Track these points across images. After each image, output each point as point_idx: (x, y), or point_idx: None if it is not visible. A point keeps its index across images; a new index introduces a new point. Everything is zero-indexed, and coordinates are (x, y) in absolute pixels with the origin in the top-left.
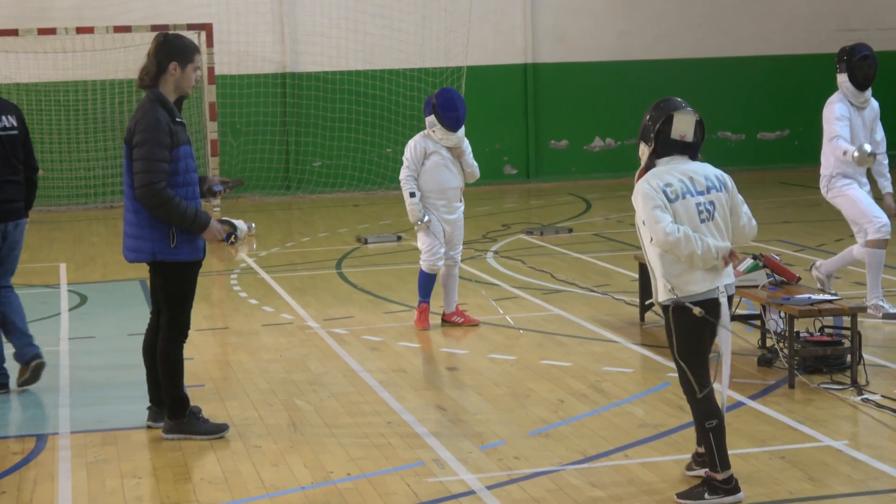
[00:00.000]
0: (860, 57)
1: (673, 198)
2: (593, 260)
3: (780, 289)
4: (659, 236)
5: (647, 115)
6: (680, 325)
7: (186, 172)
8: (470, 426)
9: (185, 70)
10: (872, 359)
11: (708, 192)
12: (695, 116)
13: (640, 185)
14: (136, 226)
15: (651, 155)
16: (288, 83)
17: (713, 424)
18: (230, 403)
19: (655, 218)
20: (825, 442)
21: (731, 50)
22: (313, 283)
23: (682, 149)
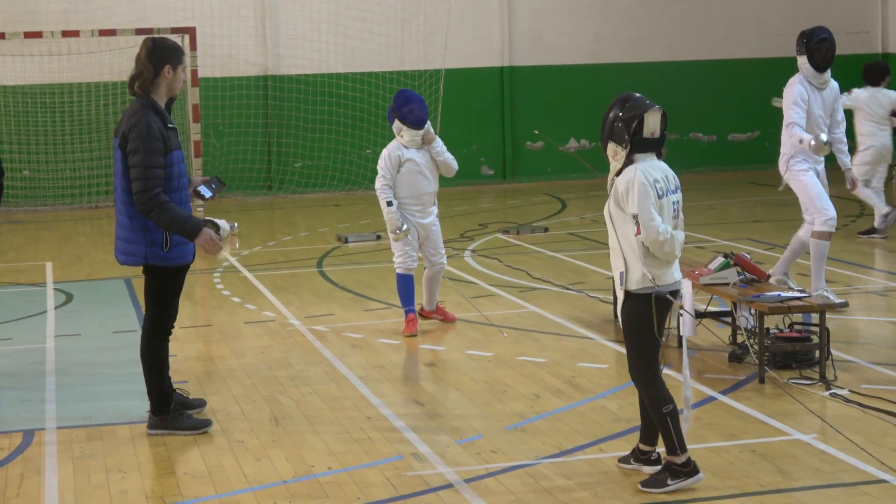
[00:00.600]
0: (818, 39)
1: (661, 194)
2: (568, 258)
3: (750, 286)
4: (652, 234)
5: (612, 115)
6: (649, 314)
7: (179, 178)
8: (448, 421)
9: (176, 72)
10: (840, 354)
11: (675, 192)
12: (661, 112)
13: (635, 176)
14: (129, 230)
15: (628, 154)
16: (270, 86)
17: (669, 409)
18: (213, 399)
19: (651, 215)
20: (794, 436)
21: (703, 53)
22: (295, 281)
23: (653, 145)
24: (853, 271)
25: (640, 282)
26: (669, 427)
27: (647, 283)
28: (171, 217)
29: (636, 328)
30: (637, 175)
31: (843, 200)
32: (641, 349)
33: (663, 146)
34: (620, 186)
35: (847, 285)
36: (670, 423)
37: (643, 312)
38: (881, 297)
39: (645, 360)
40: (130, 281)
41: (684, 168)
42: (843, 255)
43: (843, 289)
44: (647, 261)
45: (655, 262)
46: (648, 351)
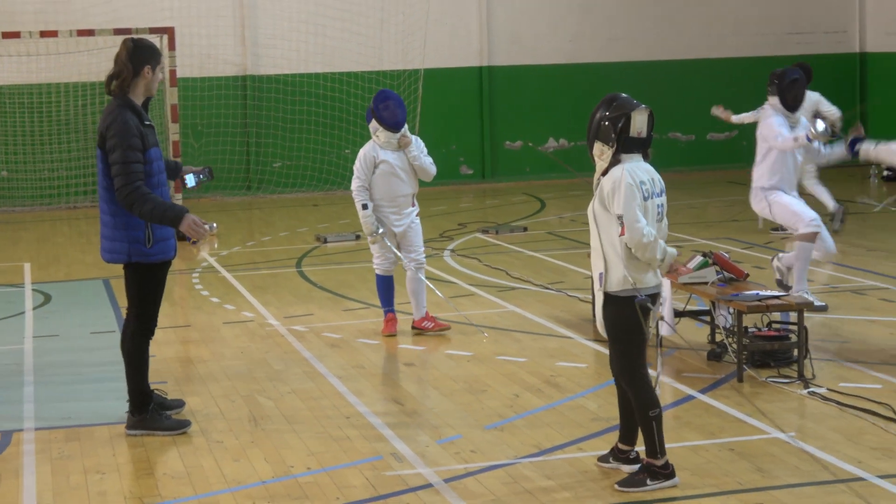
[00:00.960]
0: (790, 80)
1: (646, 196)
2: (547, 258)
3: (728, 285)
4: (636, 236)
5: (599, 113)
6: (633, 315)
7: (159, 174)
8: (427, 420)
9: (154, 72)
10: (818, 353)
11: (661, 195)
12: (648, 111)
13: (621, 176)
14: (111, 228)
15: (614, 154)
16: (249, 85)
17: (656, 413)
18: (192, 400)
19: (636, 217)
20: (773, 434)
21: (681, 52)
22: (274, 281)
23: (640, 145)
24: (832, 270)
25: (620, 283)
26: (653, 430)
27: (628, 286)
28: (153, 207)
29: (620, 331)
30: (624, 175)
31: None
32: (626, 350)
33: (650, 147)
34: (606, 186)
35: (825, 284)
36: (654, 427)
37: (625, 315)
38: (859, 296)
39: (630, 361)
40: (109, 281)
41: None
42: None
43: (821, 287)
44: (628, 263)
45: (637, 265)
46: (634, 351)
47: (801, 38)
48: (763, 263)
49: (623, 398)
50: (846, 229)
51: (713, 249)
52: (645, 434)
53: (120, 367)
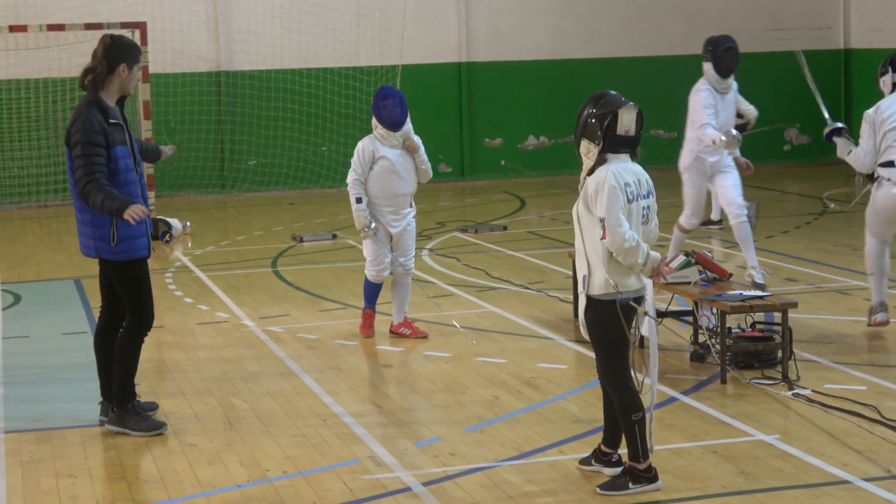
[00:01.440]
0: (724, 48)
1: (630, 198)
2: (527, 257)
3: (712, 285)
4: (617, 240)
5: (586, 111)
6: (616, 319)
7: (126, 172)
8: (406, 423)
9: (132, 71)
10: (803, 354)
11: (648, 197)
12: (636, 109)
13: (605, 178)
14: (80, 223)
15: (600, 152)
16: (223, 81)
17: (639, 417)
18: (165, 402)
19: (618, 220)
20: (757, 436)
21: (663, 49)
22: (249, 281)
23: (628, 143)
24: (817, 270)
25: (602, 287)
26: (636, 434)
27: (610, 290)
28: (104, 197)
29: (603, 334)
30: (608, 177)
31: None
32: (610, 353)
33: (638, 146)
34: (590, 187)
35: (809, 284)
36: (637, 431)
37: (608, 318)
38: (843, 296)
39: (614, 365)
40: (80, 281)
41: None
42: (805, 253)
43: (806, 287)
44: (610, 266)
45: (619, 269)
46: (617, 355)
47: (783, 35)
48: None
49: (608, 400)
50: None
51: (696, 249)
52: (628, 437)
53: (92, 369)
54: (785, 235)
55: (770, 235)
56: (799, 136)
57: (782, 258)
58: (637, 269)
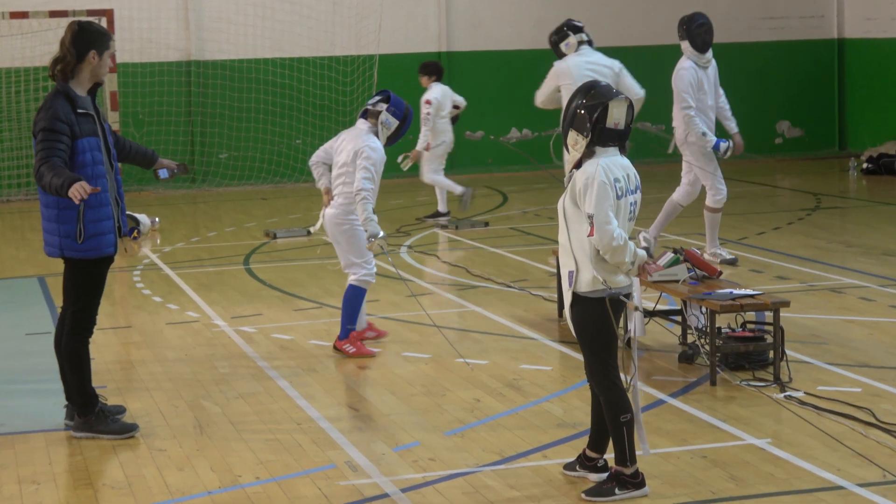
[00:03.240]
0: (697, 24)
1: (620, 194)
2: (510, 254)
3: (701, 283)
4: (605, 238)
5: (575, 102)
6: (604, 316)
7: (94, 165)
8: (383, 427)
9: (102, 57)
10: (795, 355)
11: (635, 192)
12: (626, 102)
13: (595, 173)
14: (46, 220)
15: (588, 145)
16: (193, 71)
17: (627, 418)
18: (133, 405)
19: (607, 218)
20: (748, 440)
21: (649, 38)
22: (220, 279)
23: (617, 137)
24: (809, 267)
25: (590, 284)
26: (624, 437)
27: (599, 286)
28: (52, 176)
29: (590, 332)
30: (598, 172)
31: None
32: (598, 352)
33: (627, 139)
34: (579, 182)
35: (802, 282)
36: (625, 433)
37: (596, 316)
38: (836, 295)
39: (602, 364)
40: (45, 279)
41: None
42: (797, 250)
43: (798, 286)
44: (597, 264)
45: (606, 266)
46: (605, 354)
47: (774, 24)
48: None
49: (596, 402)
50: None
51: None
52: (615, 440)
53: (57, 371)
54: (776, 232)
55: (761, 232)
56: (791, 128)
57: (774, 255)
58: (624, 269)
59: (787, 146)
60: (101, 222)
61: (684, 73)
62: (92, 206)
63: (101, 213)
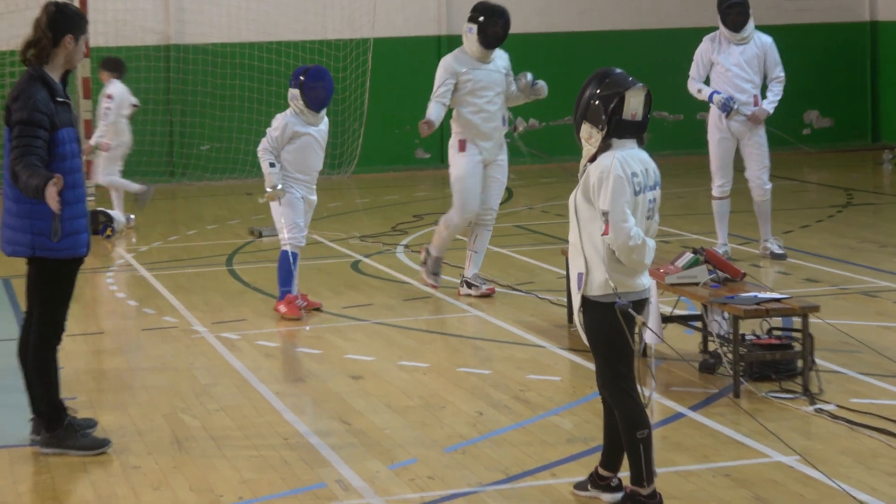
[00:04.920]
0: (727, 5)
1: (637, 190)
2: (515, 254)
3: (723, 286)
4: (621, 237)
5: (588, 92)
6: (614, 322)
7: (72, 158)
8: (378, 442)
9: (78, 42)
10: (826, 364)
11: (654, 188)
12: (645, 90)
13: (611, 167)
14: (16, 216)
15: (604, 138)
16: (172, 56)
17: (644, 434)
18: (105, 418)
19: (624, 215)
20: (774, 457)
21: (667, 20)
22: (201, 281)
23: (635, 129)
24: (840, 269)
25: (601, 287)
26: (640, 454)
27: (610, 290)
28: (28, 177)
29: (603, 339)
30: (614, 166)
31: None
32: (611, 361)
33: (645, 131)
34: (593, 176)
35: (833, 285)
36: (642, 450)
37: (609, 322)
38: (870, 298)
39: (617, 374)
40: (10, 281)
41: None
42: (827, 250)
43: (829, 289)
44: (611, 265)
45: (621, 268)
46: (619, 363)
47: (802, 5)
48: (762, 261)
49: (609, 416)
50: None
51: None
52: (630, 458)
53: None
54: (804, 230)
55: (788, 230)
56: (820, 118)
57: (802, 256)
58: (641, 270)
59: (816, 137)
60: (78, 220)
61: (700, 45)
62: (69, 202)
63: (77, 209)
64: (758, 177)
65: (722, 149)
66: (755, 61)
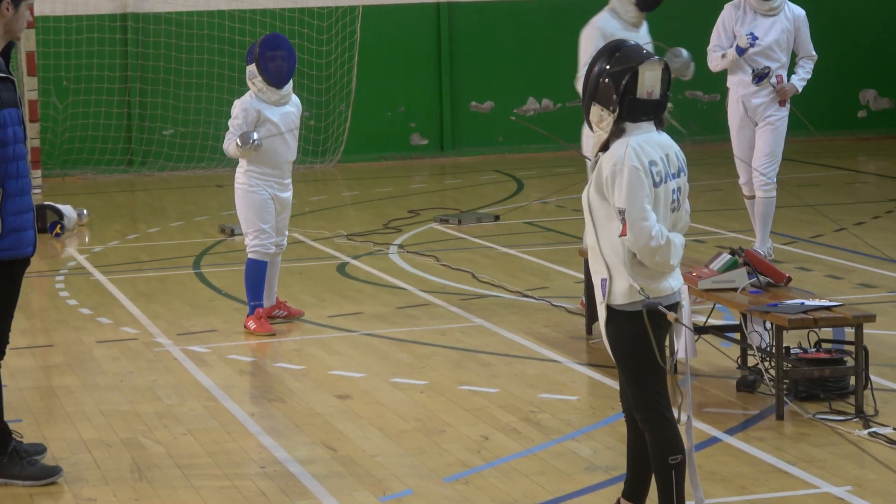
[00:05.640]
0: None
1: (658, 181)
2: (526, 256)
3: (764, 292)
4: (642, 238)
5: (597, 68)
6: (643, 334)
7: (15, 143)
8: (368, 471)
9: (18, 9)
10: (882, 381)
11: (678, 176)
12: (661, 64)
13: (625, 157)
14: None
15: (616, 121)
16: (130, 28)
17: (678, 460)
18: (56, 444)
19: (643, 213)
20: (823, 488)
21: None
22: (164, 286)
23: (652, 109)
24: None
25: (626, 295)
26: (672, 483)
27: (637, 297)
28: None
29: (629, 352)
30: (628, 155)
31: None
32: (640, 378)
33: (665, 111)
34: (605, 169)
35: (891, 290)
36: (674, 479)
37: (635, 333)
38: None
39: (646, 391)
40: None
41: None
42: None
43: (886, 295)
44: (633, 269)
45: (644, 271)
46: (650, 379)
47: None
48: (810, 263)
49: (633, 439)
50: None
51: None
52: (661, 487)
53: None
54: (860, 227)
55: (840, 228)
56: (877, 98)
57: (856, 257)
58: (668, 272)
59: (873, 121)
60: (23, 215)
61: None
62: (12, 194)
63: (21, 203)
64: (761, 165)
65: (743, 138)
66: (784, 36)
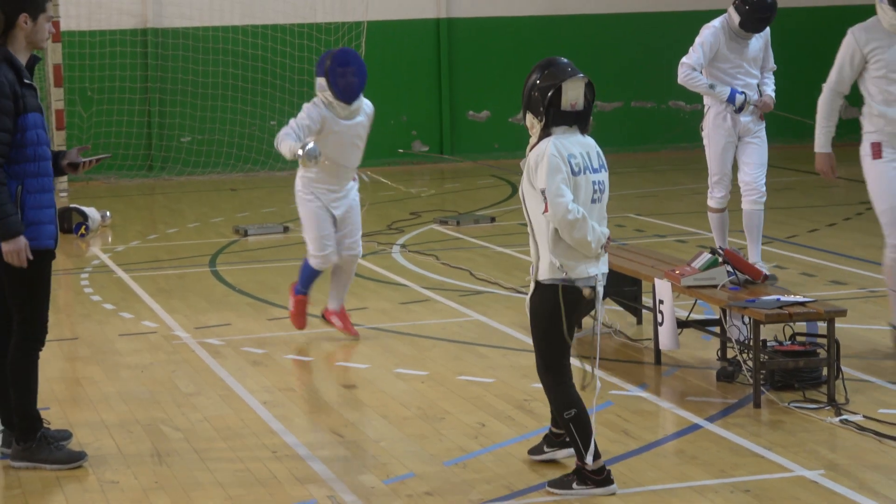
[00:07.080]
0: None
1: (577, 170)
2: (520, 255)
3: (743, 289)
4: (559, 212)
5: (530, 81)
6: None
7: (37, 145)
8: (373, 455)
9: (37, 21)
10: (853, 372)
11: (600, 171)
12: (584, 81)
13: (545, 149)
14: None
15: (544, 128)
16: (150, 41)
17: (572, 414)
18: (80, 430)
19: (559, 191)
20: (797, 472)
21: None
22: (182, 283)
23: (575, 119)
24: (869, 270)
25: (548, 271)
26: (574, 432)
27: (557, 274)
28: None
29: (540, 323)
30: (549, 147)
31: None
32: (544, 350)
33: (588, 121)
34: (531, 160)
35: (861, 287)
36: (574, 429)
37: (548, 306)
38: None
39: (548, 363)
40: None
41: (663, 143)
42: (855, 250)
43: (856, 292)
44: (555, 248)
45: (567, 252)
46: (553, 352)
47: None
48: (786, 262)
49: None
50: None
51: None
52: (569, 438)
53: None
54: (831, 229)
55: (813, 229)
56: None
57: (828, 256)
58: (587, 250)
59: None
60: (43, 210)
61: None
62: (31, 191)
63: (41, 199)
64: (756, 178)
65: (727, 156)
66: (761, 53)
